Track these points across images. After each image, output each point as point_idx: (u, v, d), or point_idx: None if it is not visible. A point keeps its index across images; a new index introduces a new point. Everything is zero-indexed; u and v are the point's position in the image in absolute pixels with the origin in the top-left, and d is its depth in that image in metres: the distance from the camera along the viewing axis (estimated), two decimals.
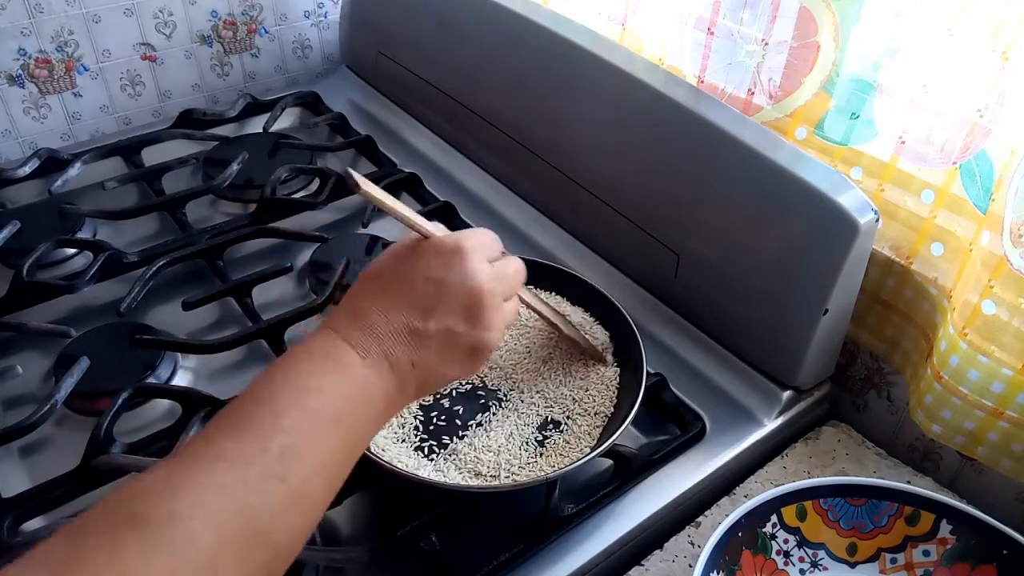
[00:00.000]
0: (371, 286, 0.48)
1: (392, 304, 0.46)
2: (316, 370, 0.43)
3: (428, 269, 0.47)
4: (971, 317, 0.60)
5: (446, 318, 0.47)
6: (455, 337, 0.47)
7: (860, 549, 0.59)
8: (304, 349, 0.44)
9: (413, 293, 0.47)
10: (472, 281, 0.47)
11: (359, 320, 0.46)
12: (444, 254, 0.48)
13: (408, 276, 0.48)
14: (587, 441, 0.61)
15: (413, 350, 0.46)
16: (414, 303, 0.47)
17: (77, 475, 0.60)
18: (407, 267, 0.48)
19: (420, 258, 0.48)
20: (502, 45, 0.86)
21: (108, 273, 0.78)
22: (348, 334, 0.45)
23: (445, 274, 0.47)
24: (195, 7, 1.03)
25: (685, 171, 0.70)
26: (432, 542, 0.55)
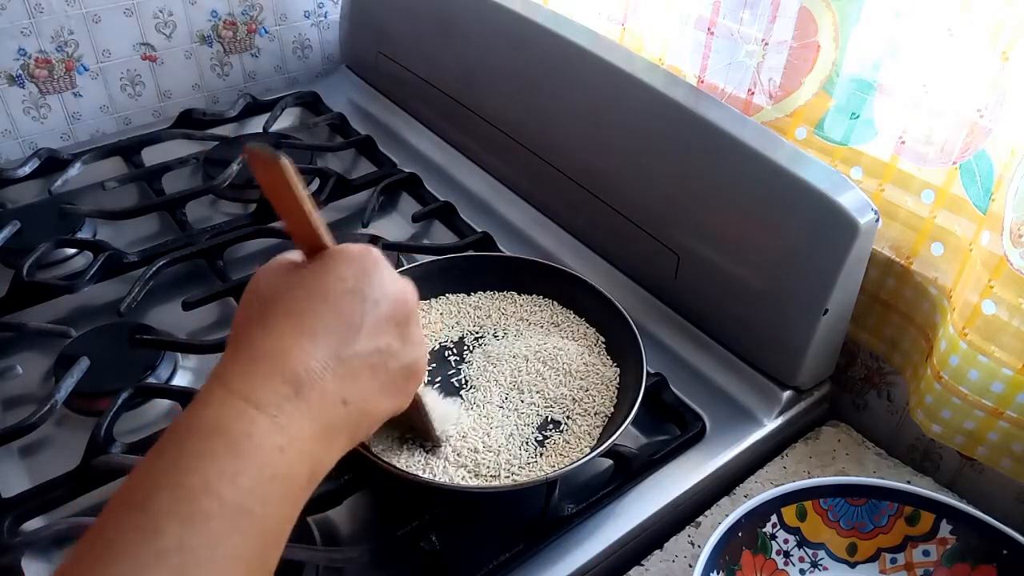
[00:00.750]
0: (265, 313, 0.38)
1: (312, 329, 0.37)
2: (202, 454, 0.33)
3: (342, 280, 0.39)
4: (971, 317, 0.60)
5: (376, 335, 0.39)
6: (387, 358, 0.40)
7: (860, 549, 0.59)
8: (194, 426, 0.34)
9: (333, 310, 0.38)
10: (396, 289, 0.41)
11: (263, 363, 0.36)
12: (354, 261, 0.40)
13: (317, 293, 0.39)
14: (587, 441, 0.61)
15: (342, 383, 0.37)
16: (338, 322, 0.38)
17: (77, 475, 0.60)
18: (312, 283, 0.39)
19: (327, 270, 0.40)
20: (502, 45, 0.86)
21: (108, 273, 0.78)
22: (250, 391, 0.35)
23: (363, 284, 0.39)
24: (195, 7, 1.03)
25: (685, 171, 0.70)
26: (432, 542, 0.55)
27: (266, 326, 0.38)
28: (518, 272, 0.74)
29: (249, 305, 0.40)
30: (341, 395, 0.37)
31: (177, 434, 0.34)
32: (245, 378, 0.35)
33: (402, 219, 0.91)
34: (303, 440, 0.35)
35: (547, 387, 0.65)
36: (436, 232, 0.88)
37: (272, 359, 0.36)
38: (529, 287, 0.74)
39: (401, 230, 0.89)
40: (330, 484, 0.58)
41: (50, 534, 0.56)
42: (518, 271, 0.74)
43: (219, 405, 0.35)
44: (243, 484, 0.33)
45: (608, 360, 0.67)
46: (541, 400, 0.64)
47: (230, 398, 0.35)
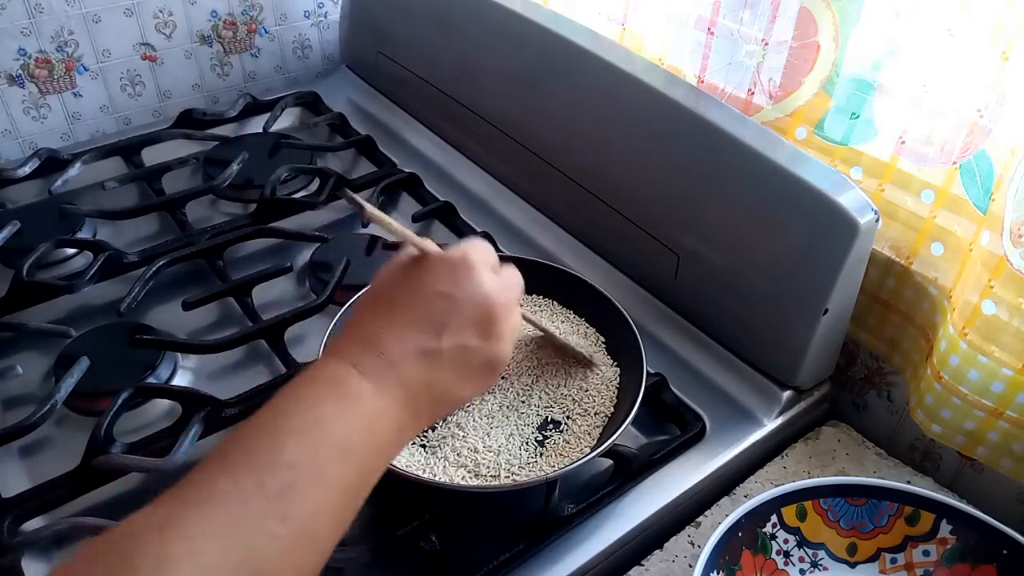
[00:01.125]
0: (376, 307, 0.46)
1: (402, 323, 0.44)
2: (321, 399, 0.40)
3: (436, 284, 0.45)
4: (971, 317, 0.60)
5: (460, 333, 0.45)
6: (470, 353, 0.45)
7: (860, 549, 0.59)
8: (309, 376, 0.42)
9: (423, 310, 0.45)
10: (483, 293, 0.46)
11: (368, 344, 0.43)
12: (452, 267, 0.46)
13: (416, 292, 0.45)
14: (587, 441, 0.61)
15: (428, 370, 0.44)
16: (425, 320, 0.44)
17: (77, 475, 0.60)
18: (413, 283, 0.46)
19: (427, 273, 0.46)
20: (502, 45, 0.86)
21: (108, 273, 0.78)
22: (357, 360, 0.42)
23: (455, 288, 0.45)
24: (195, 7, 1.03)
25: (685, 171, 0.70)
26: (432, 542, 0.55)
27: (375, 314, 0.45)
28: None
29: (367, 298, 0.47)
30: (424, 379, 0.43)
31: (297, 384, 0.41)
32: (354, 351, 0.43)
33: (402, 219, 0.90)
34: (394, 406, 0.42)
35: (547, 387, 0.65)
36: (436, 232, 0.88)
37: (374, 338, 0.43)
38: (529, 287, 0.73)
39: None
40: None
41: (50, 534, 0.56)
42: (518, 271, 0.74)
43: (334, 365, 0.42)
44: (350, 425, 0.40)
45: (608, 360, 0.67)
46: (541, 400, 0.64)
47: (342, 362, 0.42)
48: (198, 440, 0.62)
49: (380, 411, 0.41)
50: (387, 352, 0.43)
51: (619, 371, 0.66)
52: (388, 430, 0.42)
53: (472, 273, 0.46)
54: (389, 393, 0.42)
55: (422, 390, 0.43)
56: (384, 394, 0.42)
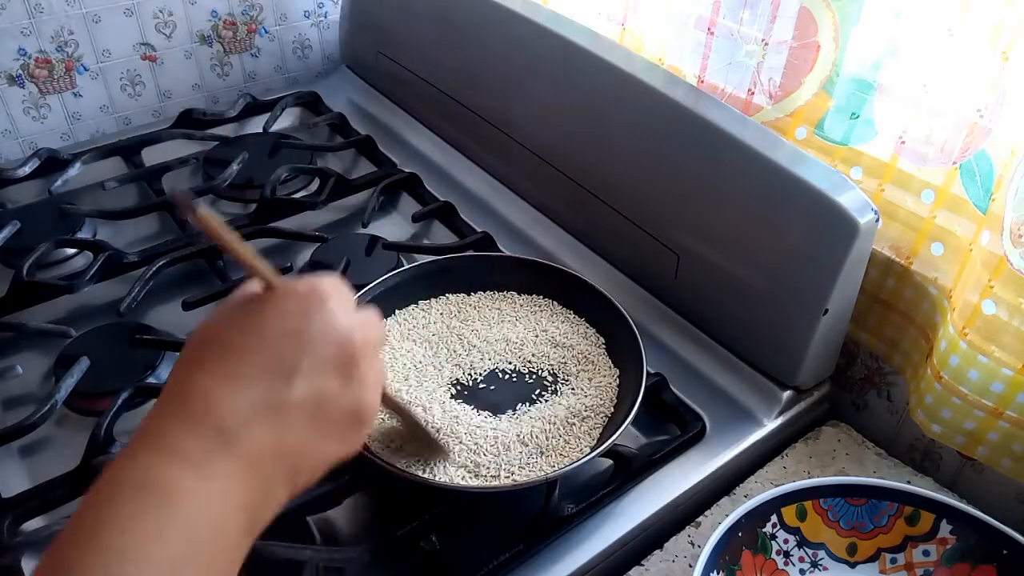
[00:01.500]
0: (203, 360, 0.36)
1: (239, 376, 0.35)
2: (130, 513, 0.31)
3: (283, 319, 0.37)
4: (971, 317, 0.60)
5: (314, 379, 0.36)
6: (328, 402, 0.37)
7: (860, 549, 0.59)
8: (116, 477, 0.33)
9: (266, 353, 0.36)
10: (340, 327, 0.38)
11: (192, 415, 0.34)
12: (300, 299, 0.38)
13: (255, 333, 0.36)
14: (587, 441, 0.61)
15: (276, 431, 0.35)
16: (270, 366, 0.35)
17: (77, 475, 0.60)
18: (252, 322, 0.37)
19: (269, 309, 0.37)
20: (502, 45, 0.86)
21: (108, 273, 0.78)
22: (177, 437, 0.33)
23: (305, 322, 0.37)
24: (195, 7, 1.03)
25: (685, 171, 0.70)
26: (432, 542, 0.55)
27: (201, 366, 0.36)
28: (518, 272, 0.74)
29: (192, 344, 0.38)
30: (273, 443, 0.35)
31: (104, 489, 0.33)
32: (173, 427, 0.34)
33: (402, 219, 0.91)
34: (234, 492, 0.34)
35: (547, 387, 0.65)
36: (436, 232, 0.88)
37: (200, 404, 0.35)
38: (529, 287, 0.74)
39: (401, 230, 0.89)
40: (330, 484, 0.58)
41: (50, 534, 0.56)
42: (518, 271, 0.74)
43: (147, 456, 0.33)
44: (172, 541, 0.32)
45: (608, 360, 0.67)
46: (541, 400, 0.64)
47: (158, 451, 0.33)
48: None
49: (213, 506, 0.33)
50: (216, 417, 0.34)
51: (619, 371, 0.66)
52: (231, 527, 0.34)
53: (326, 305, 0.38)
54: (223, 479, 0.33)
55: (270, 460, 0.35)
56: (217, 484, 0.33)
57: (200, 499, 0.33)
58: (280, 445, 0.35)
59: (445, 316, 0.71)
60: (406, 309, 0.72)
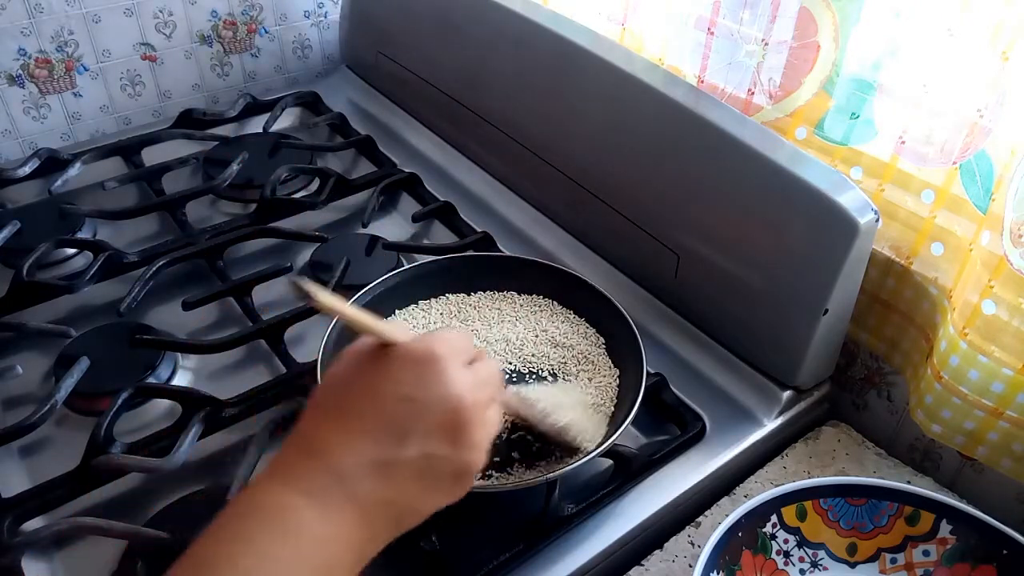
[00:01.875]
0: (327, 412, 0.41)
1: (356, 432, 0.39)
2: (260, 535, 0.36)
3: (397, 384, 0.40)
4: (971, 317, 0.60)
5: (424, 442, 0.40)
6: (436, 463, 0.40)
7: (860, 549, 0.59)
8: (246, 507, 0.37)
9: (382, 415, 0.40)
10: (451, 395, 0.40)
11: (316, 458, 0.38)
12: (415, 364, 0.41)
13: (372, 395, 0.40)
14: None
15: (385, 486, 0.39)
16: (384, 428, 0.39)
17: (77, 475, 0.60)
18: (370, 383, 0.41)
19: (385, 371, 0.41)
20: (502, 45, 0.86)
21: (108, 273, 0.78)
22: (302, 480, 0.38)
23: (418, 389, 0.40)
24: (195, 7, 1.03)
25: (685, 171, 0.70)
26: (432, 542, 0.55)
27: (327, 419, 0.40)
28: (518, 272, 0.74)
29: (320, 396, 0.42)
30: (385, 495, 0.39)
31: (231, 516, 0.37)
32: (298, 469, 0.38)
33: (402, 219, 0.91)
34: (346, 529, 0.38)
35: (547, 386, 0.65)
36: (436, 232, 0.88)
37: (324, 454, 0.39)
38: (529, 287, 0.74)
39: (401, 230, 0.89)
40: None
41: (50, 534, 0.56)
42: (518, 271, 0.74)
43: (274, 492, 0.38)
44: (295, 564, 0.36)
45: (608, 360, 0.67)
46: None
47: (284, 487, 0.38)
48: (198, 440, 0.62)
49: (329, 539, 0.37)
50: (336, 467, 0.38)
51: (619, 371, 0.66)
52: (340, 558, 0.38)
53: (439, 371, 0.41)
54: (339, 516, 0.38)
55: (379, 507, 0.39)
56: (333, 519, 0.37)
57: (316, 532, 0.37)
58: (389, 496, 0.39)
59: (445, 316, 0.71)
60: (406, 309, 0.72)
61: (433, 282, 0.73)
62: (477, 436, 0.42)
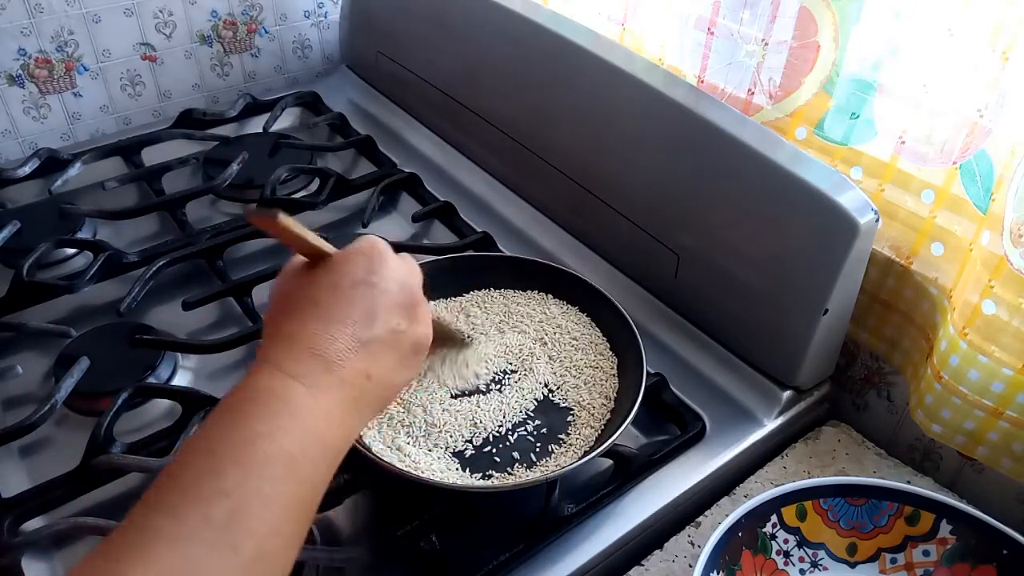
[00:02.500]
0: (292, 307, 0.44)
1: (329, 320, 0.43)
2: (258, 416, 0.39)
3: (352, 275, 0.45)
4: (971, 317, 0.60)
5: (388, 319, 0.45)
6: (401, 336, 0.45)
7: (860, 549, 0.59)
8: (243, 391, 0.40)
9: (347, 303, 0.44)
10: (400, 278, 0.46)
11: (298, 344, 0.42)
12: (366, 257, 0.46)
13: (336, 288, 0.44)
14: (587, 441, 0.61)
15: (367, 361, 0.43)
16: (353, 312, 0.43)
17: (77, 475, 0.60)
18: (329, 280, 0.45)
19: (338, 268, 0.45)
20: (502, 45, 0.86)
21: (108, 273, 0.78)
22: (289, 365, 0.41)
23: (374, 276, 0.45)
24: (195, 7, 1.03)
25: (685, 171, 0.70)
26: (432, 542, 0.55)
27: (293, 315, 0.44)
28: (518, 272, 0.74)
29: (276, 300, 0.46)
30: (366, 371, 0.43)
31: (233, 399, 0.40)
32: (285, 356, 0.41)
33: (402, 219, 0.91)
34: (336, 408, 0.41)
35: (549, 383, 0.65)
36: (436, 232, 0.88)
37: (304, 340, 0.42)
38: (529, 287, 0.74)
39: (401, 230, 0.89)
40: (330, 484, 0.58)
41: (50, 534, 0.56)
42: (518, 271, 0.74)
43: (268, 377, 0.40)
44: (293, 437, 0.39)
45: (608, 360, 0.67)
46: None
47: (276, 371, 0.41)
48: None
49: (322, 416, 0.40)
50: (323, 351, 0.42)
51: (619, 371, 0.66)
52: (333, 434, 0.41)
53: (385, 259, 0.46)
54: (330, 395, 0.41)
55: (364, 383, 0.43)
56: (325, 397, 0.41)
57: (310, 410, 0.40)
58: (369, 372, 0.43)
59: (445, 315, 0.71)
60: None
61: (433, 282, 0.72)
62: (424, 312, 0.48)
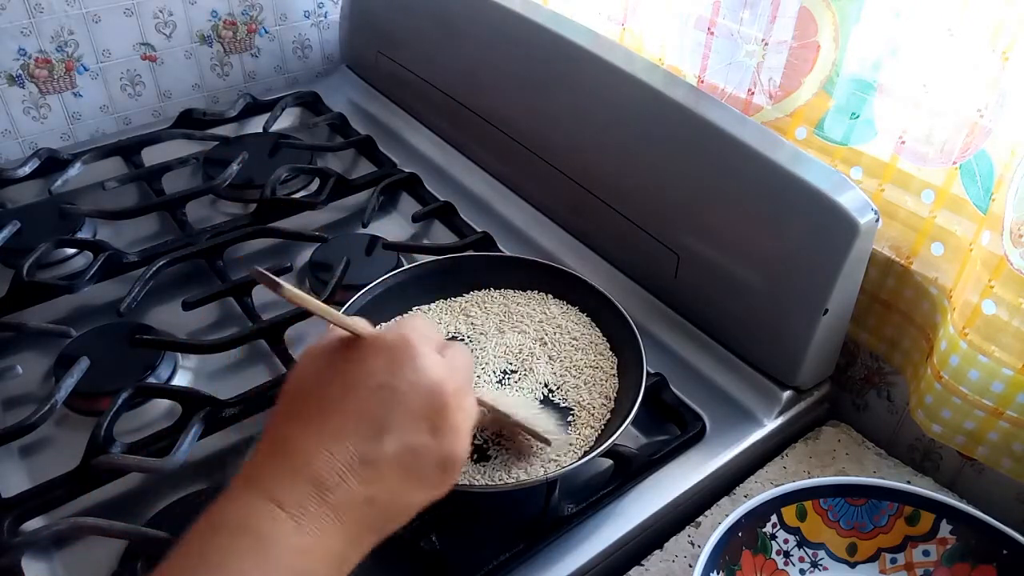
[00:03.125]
0: (298, 408, 0.38)
1: (331, 430, 0.37)
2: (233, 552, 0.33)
3: (371, 374, 0.38)
4: (971, 317, 0.60)
5: (404, 433, 0.37)
6: (419, 454, 0.38)
7: (860, 549, 0.59)
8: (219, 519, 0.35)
9: (357, 409, 0.37)
10: (429, 380, 0.38)
11: (288, 461, 0.36)
12: (388, 352, 0.39)
13: (345, 387, 0.38)
14: (587, 441, 0.60)
15: (367, 484, 0.36)
16: (360, 421, 0.37)
17: (77, 475, 0.60)
18: (341, 377, 0.38)
19: (359, 362, 0.39)
20: (502, 45, 0.86)
21: (108, 273, 0.78)
22: (275, 486, 0.35)
23: (394, 377, 0.38)
24: (195, 7, 1.03)
25: (685, 171, 0.70)
26: (432, 542, 0.55)
27: (300, 419, 0.38)
28: (517, 272, 0.74)
29: (287, 395, 0.40)
30: (366, 495, 0.37)
31: (206, 528, 0.35)
32: (272, 476, 0.36)
33: (402, 219, 0.91)
34: (327, 541, 0.35)
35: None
36: (436, 232, 0.88)
37: (297, 458, 0.36)
38: (529, 287, 0.73)
39: (401, 230, 0.89)
40: None
41: (50, 534, 0.56)
42: (518, 271, 0.74)
43: (246, 502, 0.35)
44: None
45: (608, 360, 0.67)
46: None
47: (256, 496, 0.35)
48: (198, 440, 0.62)
49: (306, 550, 0.35)
50: (313, 471, 0.36)
51: (619, 371, 0.66)
52: (320, 566, 0.35)
53: (413, 356, 0.39)
54: (317, 525, 0.35)
55: (362, 509, 0.37)
56: (310, 529, 0.35)
57: (294, 545, 0.34)
58: (371, 495, 0.37)
59: (445, 316, 0.71)
60: (406, 310, 0.72)
61: (433, 282, 0.73)
62: (458, 422, 0.39)
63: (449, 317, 0.71)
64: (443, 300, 0.73)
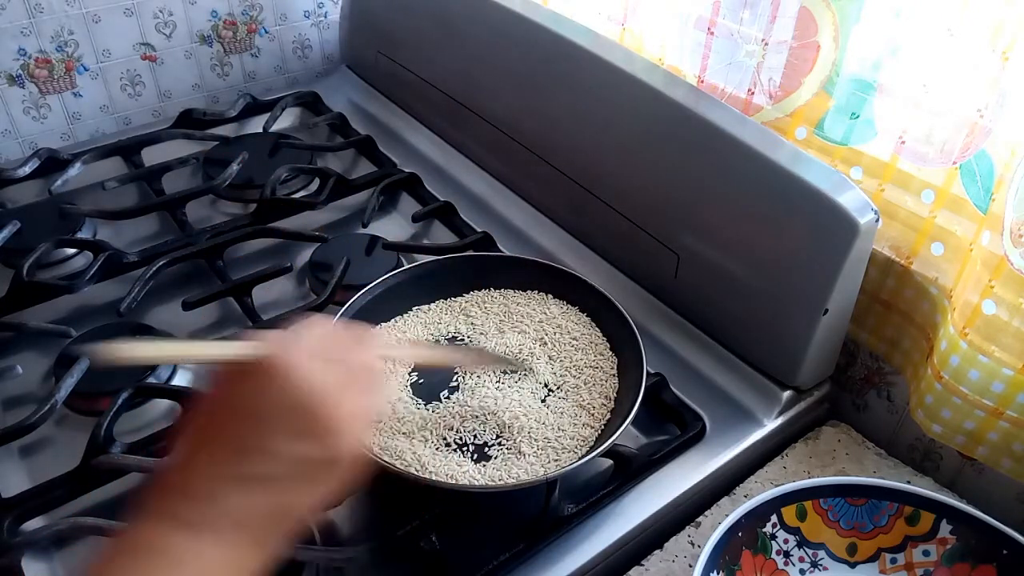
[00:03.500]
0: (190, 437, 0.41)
1: (213, 451, 0.39)
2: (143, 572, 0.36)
3: (241, 400, 0.41)
4: (971, 317, 0.60)
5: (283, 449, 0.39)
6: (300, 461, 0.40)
7: (860, 549, 0.59)
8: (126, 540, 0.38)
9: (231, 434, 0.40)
10: (293, 399, 0.40)
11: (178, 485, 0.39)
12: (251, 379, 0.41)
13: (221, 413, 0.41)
14: (587, 441, 0.60)
15: (253, 497, 0.39)
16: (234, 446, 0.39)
17: (77, 475, 0.60)
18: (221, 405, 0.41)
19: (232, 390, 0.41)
20: (502, 45, 0.86)
21: (108, 273, 0.78)
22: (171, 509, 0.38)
23: (258, 402, 0.40)
24: (195, 7, 1.03)
25: (685, 171, 0.70)
26: (432, 542, 0.55)
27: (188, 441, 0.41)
28: (517, 272, 0.74)
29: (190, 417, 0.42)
30: (252, 507, 0.39)
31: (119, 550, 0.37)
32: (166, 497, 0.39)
33: (402, 219, 0.91)
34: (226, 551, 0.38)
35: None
36: (436, 232, 0.88)
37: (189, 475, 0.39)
38: (528, 287, 0.74)
39: (401, 230, 0.89)
40: None
41: (50, 534, 0.56)
42: (518, 271, 0.74)
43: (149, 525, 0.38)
44: None
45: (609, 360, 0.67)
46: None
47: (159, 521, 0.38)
48: None
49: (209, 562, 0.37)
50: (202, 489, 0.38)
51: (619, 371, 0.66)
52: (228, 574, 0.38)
53: (273, 378, 0.40)
54: (215, 535, 0.38)
55: (254, 518, 0.39)
56: (209, 539, 0.37)
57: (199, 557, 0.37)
58: (260, 508, 0.39)
59: (445, 316, 0.71)
60: (406, 310, 0.72)
61: (433, 282, 0.73)
62: (336, 422, 0.41)
63: (449, 317, 0.71)
64: (443, 300, 0.73)
